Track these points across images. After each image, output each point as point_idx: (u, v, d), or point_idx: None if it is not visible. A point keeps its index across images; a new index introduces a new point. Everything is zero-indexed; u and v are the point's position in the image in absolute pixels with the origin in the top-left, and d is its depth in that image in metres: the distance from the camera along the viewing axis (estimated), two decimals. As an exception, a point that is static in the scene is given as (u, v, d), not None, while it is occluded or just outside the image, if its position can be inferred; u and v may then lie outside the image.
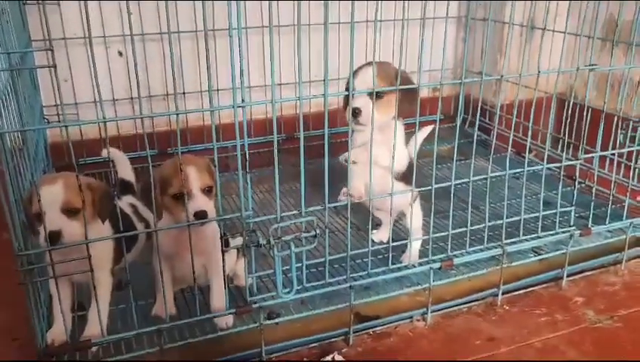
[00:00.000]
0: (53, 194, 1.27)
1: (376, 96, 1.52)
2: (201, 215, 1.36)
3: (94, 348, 1.38)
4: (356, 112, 1.58)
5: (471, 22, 2.61)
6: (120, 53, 2.35)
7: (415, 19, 2.40)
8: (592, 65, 1.69)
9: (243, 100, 1.25)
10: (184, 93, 2.40)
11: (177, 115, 1.23)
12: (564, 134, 2.15)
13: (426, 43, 1.42)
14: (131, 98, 2.35)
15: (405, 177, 1.68)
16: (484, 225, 1.72)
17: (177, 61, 2.37)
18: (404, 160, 1.71)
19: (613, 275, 1.91)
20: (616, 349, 1.57)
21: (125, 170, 1.77)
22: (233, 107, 1.25)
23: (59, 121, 2.18)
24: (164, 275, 1.45)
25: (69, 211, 1.28)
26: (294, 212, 1.45)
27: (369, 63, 1.53)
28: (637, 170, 2.00)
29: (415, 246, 1.77)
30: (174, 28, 2.29)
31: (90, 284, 1.32)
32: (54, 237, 1.24)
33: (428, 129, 1.88)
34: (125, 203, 1.63)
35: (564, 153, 1.88)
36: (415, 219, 1.72)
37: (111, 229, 1.41)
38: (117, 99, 2.32)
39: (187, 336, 1.42)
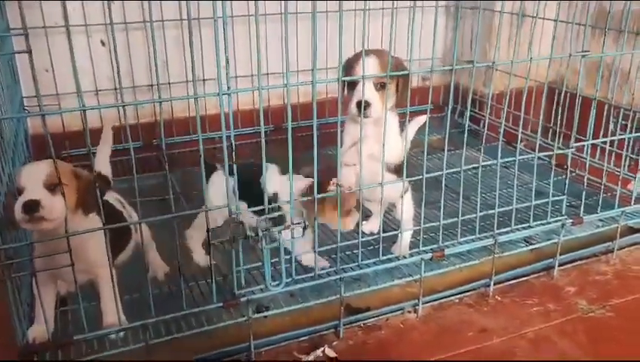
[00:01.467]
0: (36, 170, 1.23)
1: (380, 86, 1.49)
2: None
3: (115, 335, 1.35)
4: (367, 105, 1.51)
5: (461, 10, 2.57)
6: (102, 43, 2.29)
7: (404, 7, 2.38)
8: (585, 51, 1.66)
9: (228, 88, 1.21)
10: (169, 83, 2.35)
11: (160, 102, 1.19)
12: (555, 123, 2.13)
13: (415, 32, 1.38)
14: (115, 88, 2.29)
15: (397, 169, 1.65)
16: (475, 215, 1.69)
17: (162, 51, 2.32)
18: (401, 152, 1.66)
19: (604, 264, 1.90)
20: (609, 338, 1.56)
21: (103, 161, 1.70)
22: (218, 95, 1.21)
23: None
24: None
25: (51, 187, 1.22)
26: (283, 203, 1.42)
27: (367, 51, 1.47)
28: (628, 158, 1.98)
29: (406, 237, 1.75)
30: (158, 17, 2.24)
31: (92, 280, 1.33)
32: (32, 205, 1.18)
33: (421, 119, 1.84)
34: (113, 198, 1.59)
35: (556, 142, 1.86)
36: (406, 210, 1.70)
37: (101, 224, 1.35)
38: (100, 90, 2.27)
39: (173, 331, 1.39)
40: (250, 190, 1.49)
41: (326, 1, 1.94)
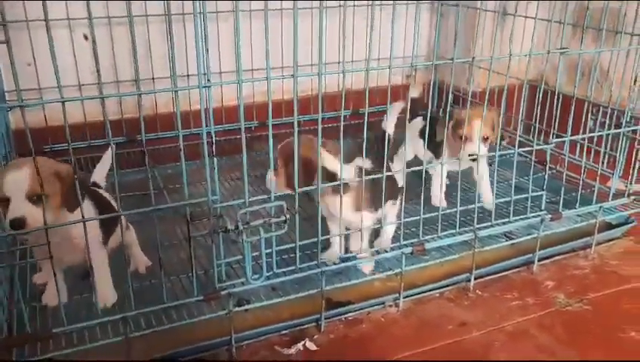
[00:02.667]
0: (19, 179, 1.25)
1: None
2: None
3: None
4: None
5: (443, 7, 2.60)
6: (85, 37, 2.28)
7: (387, 4, 2.40)
8: (563, 48, 1.69)
9: (209, 80, 1.22)
10: (153, 78, 2.35)
11: (140, 94, 1.19)
12: (536, 120, 2.16)
13: (399, 29, 1.40)
14: (98, 83, 2.27)
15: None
16: (455, 209, 1.71)
17: (145, 45, 2.31)
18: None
19: (583, 259, 1.93)
20: (585, 331, 1.59)
21: (101, 173, 1.72)
22: (199, 87, 1.21)
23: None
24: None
25: (34, 198, 1.25)
26: (264, 197, 1.42)
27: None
28: (607, 155, 2.01)
29: (389, 231, 1.76)
30: (142, 11, 2.23)
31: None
32: (18, 224, 1.23)
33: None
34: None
35: (534, 139, 1.88)
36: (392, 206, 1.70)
37: (94, 211, 1.41)
38: (83, 84, 2.26)
39: (154, 324, 1.39)
40: None
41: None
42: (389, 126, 1.83)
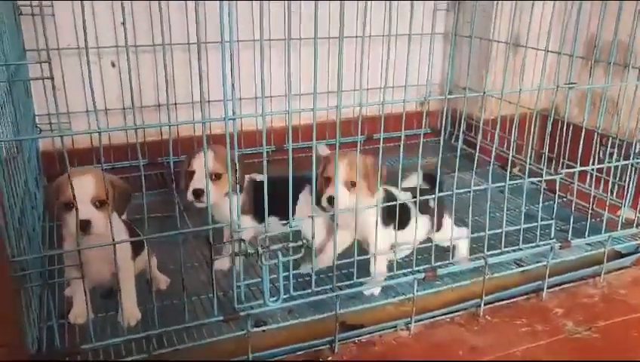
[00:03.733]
0: (85, 185, 1.36)
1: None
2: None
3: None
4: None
5: (457, 38, 2.67)
6: (113, 64, 2.38)
7: (403, 34, 2.48)
8: (572, 83, 1.75)
9: (234, 113, 1.29)
10: (175, 104, 2.44)
11: (170, 126, 1.27)
12: (546, 149, 2.21)
13: (413, 59, 1.47)
14: (123, 108, 2.38)
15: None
16: (466, 236, 1.76)
17: (169, 72, 2.41)
18: None
19: (592, 287, 1.96)
20: (594, 359, 1.62)
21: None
22: (224, 120, 1.29)
23: (51, 130, 2.21)
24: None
25: (98, 203, 1.38)
26: (283, 222, 1.49)
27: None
28: (616, 185, 2.06)
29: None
30: (167, 40, 2.33)
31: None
32: (85, 225, 1.35)
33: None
34: None
35: (545, 167, 1.93)
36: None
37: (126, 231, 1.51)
38: (109, 109, 2.35)
39: (176, 343, 1.45)
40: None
41: (328, 27, 2.04)
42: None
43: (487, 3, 2.60)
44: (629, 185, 2.00)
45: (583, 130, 1.88)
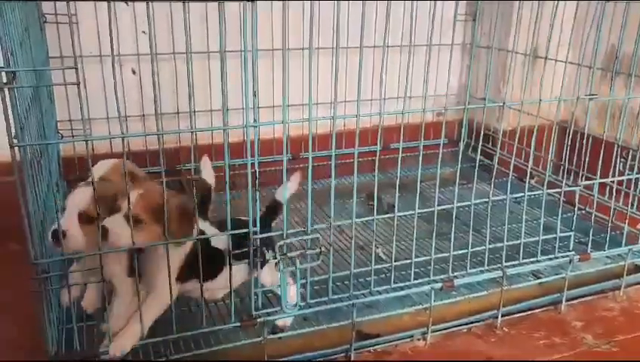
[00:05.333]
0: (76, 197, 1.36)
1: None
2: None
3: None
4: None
5: (476, 49, 2.67)
6: (133, 71, 2.42)
7: (421, 45, 2.48)
8: (592, 94, 1.74)
9: (255, 120, 1.30)
10: (194, 111, 2.45)
11: (192, 132, 1.29)
12: (565, 161, 2.20)
13: (432, 69, 1.47)
14: (142, 115, 2.40)
15: None
16: (484, 247, 1.75)
17: (186, 79, 2.42)
18: None
19: (611, 301, 1.94)
20: (614, 373, 1.60)
21: (209, 174, 1.87)
22: (244, 127, 1.30)
23: (72, 135, 2.24)
24: None
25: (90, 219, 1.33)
26: (300, 229, 1.49)
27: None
28: (636, 197, 2.04)
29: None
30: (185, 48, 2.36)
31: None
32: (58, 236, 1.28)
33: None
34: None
35: (565, 179, 1.92)
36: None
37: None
38: (129, 116, 2.38)
39: (193, 348, 1.46)
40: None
41: (347, 37, 2.05)
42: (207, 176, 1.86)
43: (505, 13, 2.59)
44: (649, 197, 1.98)
45: (603, 142, 1.87)
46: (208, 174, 1.88)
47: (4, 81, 1.09)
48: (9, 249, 1.52)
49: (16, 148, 1.14)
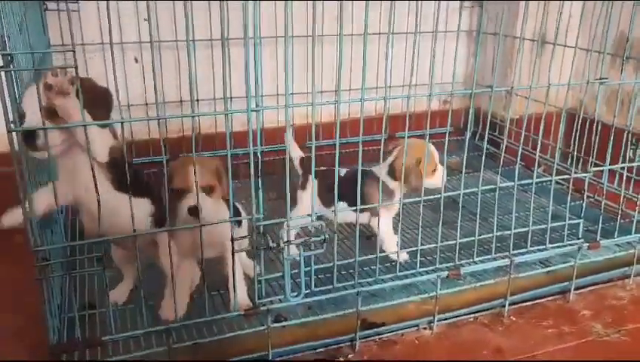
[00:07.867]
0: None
1: None
2: (193, 210, 1.41)
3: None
4: None
5: (482, 36, 2.63)
6: (136, 60, 2.39)
7: (427, 32, 2.45)
8: (603, 78, 1.70)
9: (257, 105, 1.28)
10: (197, 100, 2.43)
11: (193, 117, 1.26)
12: (574, 148, 2.16)
13: (437, 56, 1.45)
14: (146, 103, 2.39)
15: None
16: (491, 235, 1.73)
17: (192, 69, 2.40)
18: None
19: (621, 289, 1.91)
20: (623, 362, 1.58)
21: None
22: (247, 111, 1.28)
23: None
24: (181, 275, 1.49)
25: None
26: (305, 216, 1.47)
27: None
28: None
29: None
30: (189, 36, 2.33)
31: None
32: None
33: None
34: None
35: (572, 167, 1.89)
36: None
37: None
38: (132, 105, 2.36)
39: (195, 337, 1.44)
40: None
41: (351, 24, 2.02)
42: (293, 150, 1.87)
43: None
44: (659, 185, 1.94)
45: (613, 129, 1.83)
46: (294, 148, 1.89)
47: (1, 64, 1.07)
48: (14, 241, 1.52)
49: (14, 134, 1.12)
